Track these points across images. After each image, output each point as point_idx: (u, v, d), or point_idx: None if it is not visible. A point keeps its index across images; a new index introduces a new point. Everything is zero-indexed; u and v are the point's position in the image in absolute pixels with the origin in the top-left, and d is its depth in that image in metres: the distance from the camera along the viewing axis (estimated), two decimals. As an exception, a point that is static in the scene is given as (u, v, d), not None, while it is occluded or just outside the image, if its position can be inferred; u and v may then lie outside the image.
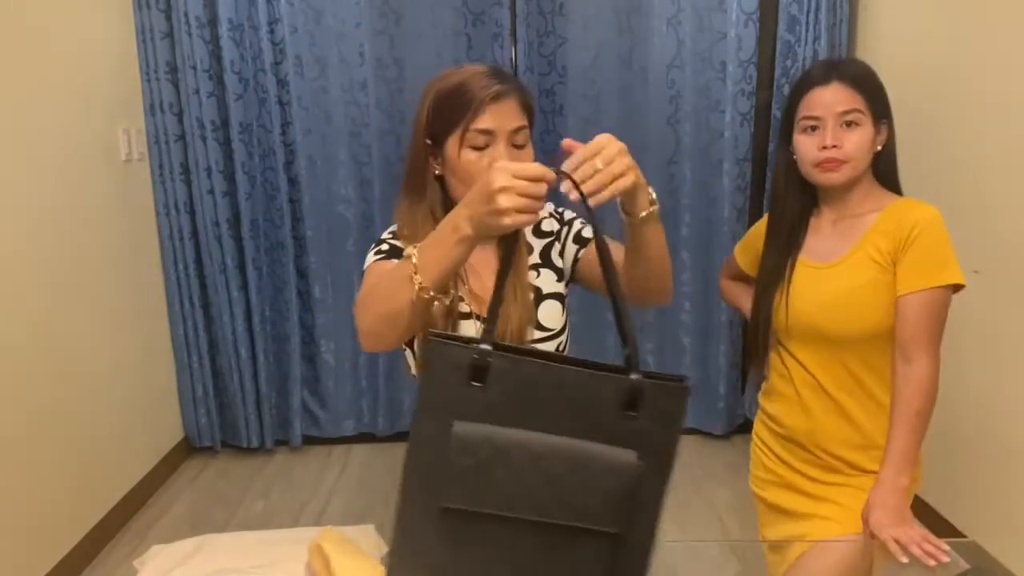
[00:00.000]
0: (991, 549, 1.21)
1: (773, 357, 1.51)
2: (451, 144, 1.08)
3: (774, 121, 3.08)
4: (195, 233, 3.08)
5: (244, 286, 3.14)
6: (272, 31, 2.95)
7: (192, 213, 3.07)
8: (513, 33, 3.04)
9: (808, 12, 2.91)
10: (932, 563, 1.16)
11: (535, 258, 1.23)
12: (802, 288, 1.41)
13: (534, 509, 0.75)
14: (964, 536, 2.31)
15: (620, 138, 0.87)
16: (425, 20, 3.05)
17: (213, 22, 2.92)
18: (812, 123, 1.35)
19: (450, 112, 1.08)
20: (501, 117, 1.06)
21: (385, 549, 1.21)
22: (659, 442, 0.78)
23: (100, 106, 2.68)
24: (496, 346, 0.76)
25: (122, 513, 2.70)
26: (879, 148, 1.38)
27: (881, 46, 2.83)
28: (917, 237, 1.30)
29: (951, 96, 2.38)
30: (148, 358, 3.00)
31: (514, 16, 3.03)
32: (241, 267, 3.13)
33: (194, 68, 2.90)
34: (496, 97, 1.06)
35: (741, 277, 1.64)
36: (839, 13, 2.91)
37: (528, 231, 1.25)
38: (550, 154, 3.16)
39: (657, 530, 0.79)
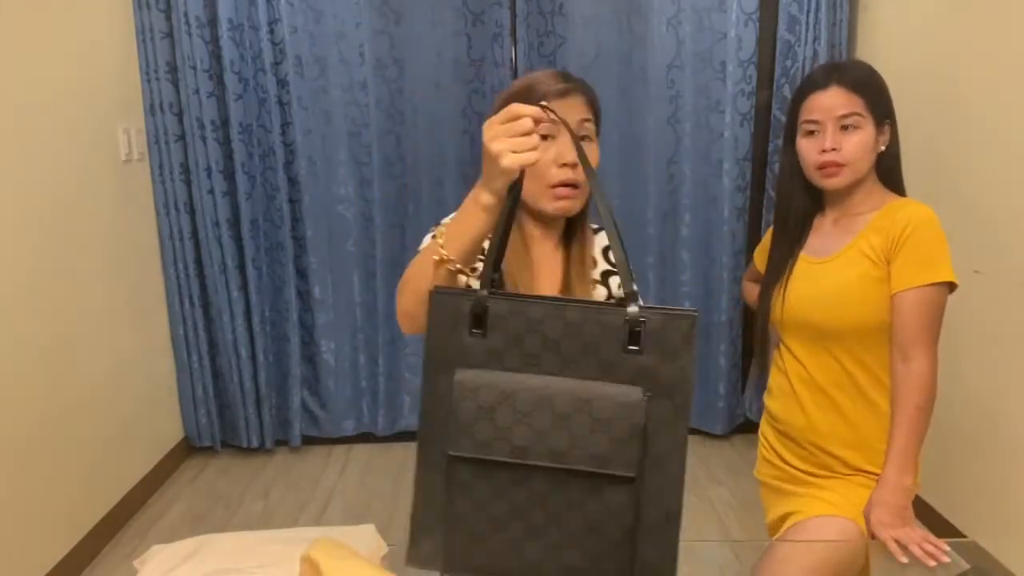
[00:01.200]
0: (991, 549, 1.21)
1: (775, 354, 1.52)
2: None
3: (774, 121, 3.09)
4: (195, 233, 3.08)
5: (244, 286, 3.14)
6: (272, 31, 2.96)
7: (192, 213, 3.07)
8: (513, 33, 3.04)
9: (808, 12, 2.92)
10: (932, 563, 1.16)
11: (595, 274, 1.24)
12: (799, 283, 1.43)
13: (542, 455, 0.73)
14: (964, 536, 2.31)
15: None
16: (425, 20, 3.05)
17: (213, 22, 2.92)
18: (812, 127, 1.36)
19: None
20: (565, 111, 1.08)
21: (386, 549, 1.21)
22: (668, 378, 0.74)
23: (100, 106, 2.68)
24: (493, 292, 0.76)
25: (122, 513, 2.70)
26: (882, 149, 1.38)
27: (881, 46, 2.83)
28: (911, 235, 1.30)
29: (951, 96, 2.38)
30: (148, 358, 3.00)
31: (514, 16, 3.03)
32: (241, 267, 3.13)
33: (194, 68, 2.90)
34: (561, 94, 1.11)
35: (760, 279, 1.66)
36: (839, 13, 2.91)
37: (596, 248, 1.25)
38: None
39: (682, 478, 0.75)
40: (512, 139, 0.82)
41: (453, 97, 3.11)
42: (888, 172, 1.41)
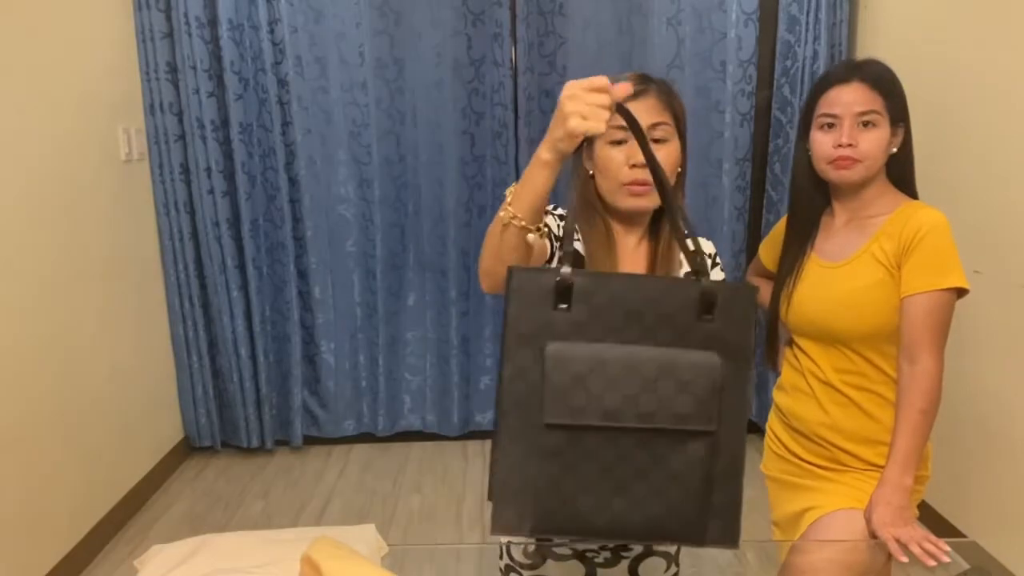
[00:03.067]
0: (991, 549, 1.21)
1: (787, 352, 1.54)
2: (598, 142, 1.16)
3: (774, 121, 3.09)
4: (195, 233, 3.08)
5: (244, 286, 3.14)
6: (272, 31, 2.96)
7: (192, 213, 3.07)
8: (513, 33, 3.04)
9: (808, 12, 2.92)
10: (932, 563, 1.16)
11: (680, 273, 1.26)
12: (812, 286, 1.43)
13: (631, 417, 0.79)
14: (964, 536, 2.31)
15: None
16: (425, 20, 3.05)
17: (213, 22, 2.92)
18: (830, 120, 1.36)
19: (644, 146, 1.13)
20: (640, 112, 1.10)
21: (386, 549, 1.21)
22: (735, 341, 0.84)
23: (100, 106, 2.68)
24: (575, 270, 0.81)
25: (122, 513, 2.70)
26: (894, 151, 1.39)
27: (881, 46, 2.83)
28: (922, 240, 1.31)
29: (951, 96, 2.38)
30: (148, 358, 3.00)
31: (514, 16, 3.03)
32: (241, 267, 3.13)
33: (194, 68, 2.90)
34: (636, 95, 1.12)
35: (766, 275, 1.66)
36: (839, 13, 2.91)
37: (708, 248, 1.27)
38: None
39: (744, 426, 0.84)
40: (587, 105, 0.85)
41: (453, 97, 3.11)
42: (899, 175, 1.41)
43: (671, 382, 0.80)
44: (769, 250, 1.63)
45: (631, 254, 1.23)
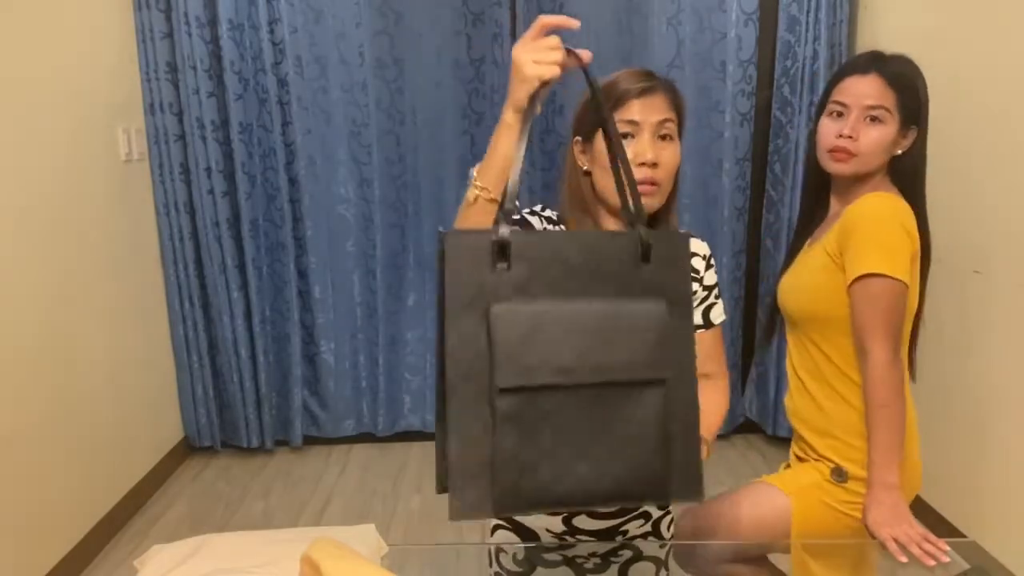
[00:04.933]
0: (991, 549, 1.21)
1: (788, 345, 1.57)
2: (599, 137, 1.14)
3: (774, 121, 3.09)
4: (195, 233, 3.08)
5: (244, 286, 3.14)
6: (272, 31, 2.96)
7: (192, 213, 3.07)
8: (513, 33, 3.04)
9: (808, 12, 2.92)
10: (931, 563, 1.16)
11: None
12: (790, 273, 1.49)
13: (585, 372, 0.78)
14: (964, 536, 2.31)
15: None
16: (425, 20, 3.05)
17: (213, 22, 2.92)
18: (839, 108, 1.36)
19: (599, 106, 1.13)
20: (647, 110, 1.12)
21: (386, 549, 1.21)
22: (675, 288, 0.84)
23: (100, 106, 2.68)
24: (512, 226, 0.79)
25: (122, 513, 2.70)
26: (900, 152, 1.37)
27: (881, 46, 2.83)
28: (853, 229, 1.30)
29: (950, 95, 2.38)
30: (148, 358, 3.00)
31: (514, 16, 3.03)
32: (241, 267, 3.13)
33: (194, 68, 2.90)
34: (642, 92, 1.13)
35: None
36: (839, 13, 2.91)
37: (701, 250, 1.28)
38: (549, 154, 3.17)
39: (694, 375, 0.85)
40: (536, 50, 0.85)
41: (453, 97, 3.11)
42: (906, 179, 1.38)
43: (619, 332, 0.79)
44: None
45: None
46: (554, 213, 1.22)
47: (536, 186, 3.15)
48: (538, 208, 1.21)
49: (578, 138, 1.20)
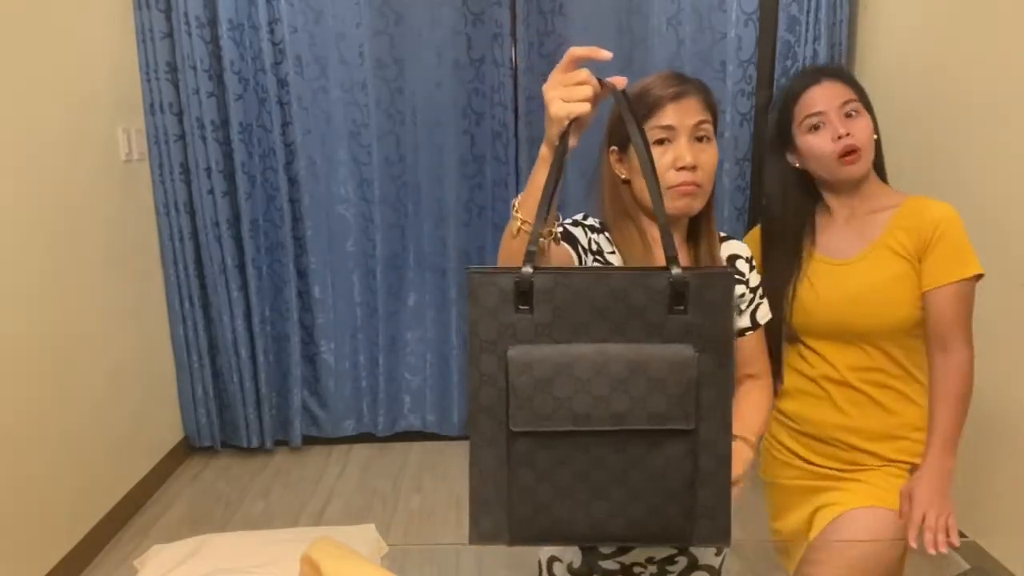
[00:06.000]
0: (991, 549, 1.21)
1: (792, 356, 1.50)
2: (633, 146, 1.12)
3: (774, 121, 3.08)
4: (195, 233, 3.08)
5: (244, 286, 3.14)
6: (272, 31, 2.96)
7: (192, 213, 3.07)
8: (513, 33, 3.04)
9: (808, 12, 2.91)
10: (933, 551, 1.19)
11: None
12: (824, 285, 1.41)
13: (603, 419, 0.76)
14: (964, 536, 2.31)
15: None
16: (425, 20, 3.05)
17: (213, 22, 2.92)
18: (816, 120, 1.36)
19: (635, 115, 1.11)
20: (682, 114, 1.11)
21: (386, 549, 1.22)
22: (712, 332, 0.79)
23: (100, 106, 2.68)
24: (537, 268, 0.77)
25: (122, 513, 2.70)
26: (875, 138, 1.39)
27: (881, 46, 2.83)
28: (943, 234, 1.33)
29: (951, 95, 2.38)
30: (148, 358, 3.00)
31: (514, 16, 3.03)
32: (241, 267, 3.13)
33: (194, 68, 2.90)
34: (676, 96, 1.11)
35: None
36: (839, 13, 2.91)
37: (724, 253, 1.25)
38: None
39: (730, 424, 0.80)
40: (566, 87, 0.83)
41: (453, 97, 3.11)
42: (879, 167, 1.43)
43: (643, 380, 0.76)
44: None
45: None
46: (596, 221, 1.20)
47: (536, 186, 3.15)
48: (580, 217, 1.19)
49: (614, 148, 1.18)
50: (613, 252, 1.16)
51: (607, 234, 1.18)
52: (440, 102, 3.11)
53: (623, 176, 1.18)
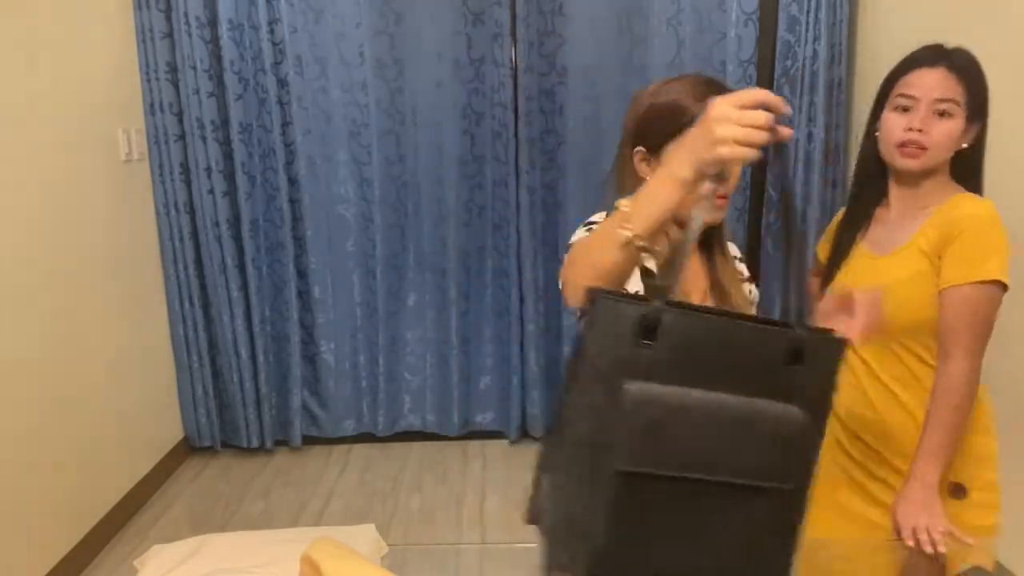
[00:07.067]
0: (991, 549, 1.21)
1: None
2: (668, 153, 1.11)
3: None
4: (195, 233, 3.08)
5: (244, 286, 3.14)
6: (272, 31, 2.96)
7: (192, 213, 3.07)
8: (513, 33, 3.04)
9: (808, 12, 2.91)
10: (929, 550, 1.19)
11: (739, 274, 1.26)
12: (857, 278, 1.40)
13: (709, 469, 0.74)
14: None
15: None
16: (425, 20, 3.05)
17: (213, 22, 2.92)
18: (906, 102, 1.32)
19: (667, 123, 1.10)
20: None
21: (386, 549, 1.21)
22: (817, 393, 0.79)
23: (100, 106, 2.68)
24: (668, 301, 0.75)
25: (122, 513, 2.70)
26: (964, 146, 1.35)
27: (881, 46, 2.83)
28: (962, 232, 1.28)
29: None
30: (148, 358, 3.00)
31: (514, 16, 3.02)
32: (241, 267, 3.13)
33: (194, 68, 2.90)
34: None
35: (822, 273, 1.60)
36: (839, 13, 2.91)
37: (735, 252, 1.27)
38: (549, 153, 3.17)
39: (812, 480, 0.80)
40: (743, 129, 0.77)
41: (453, 97, 3.11)
42: (967, 172, 1.38)
43: (753, 435, 0.75)
44: (824, 247, 1.58)
45: (692, 266, 1.21)
46: None
47: (536, 185, 3.15)
48: (600, 217, 1.18)
49: (640, 148, 1.15)
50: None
51: None
52: (440, 102, 3.11)
53: (647, 178, 1.15)
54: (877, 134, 1.39)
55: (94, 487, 2.56)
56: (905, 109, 1.33)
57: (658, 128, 1.11)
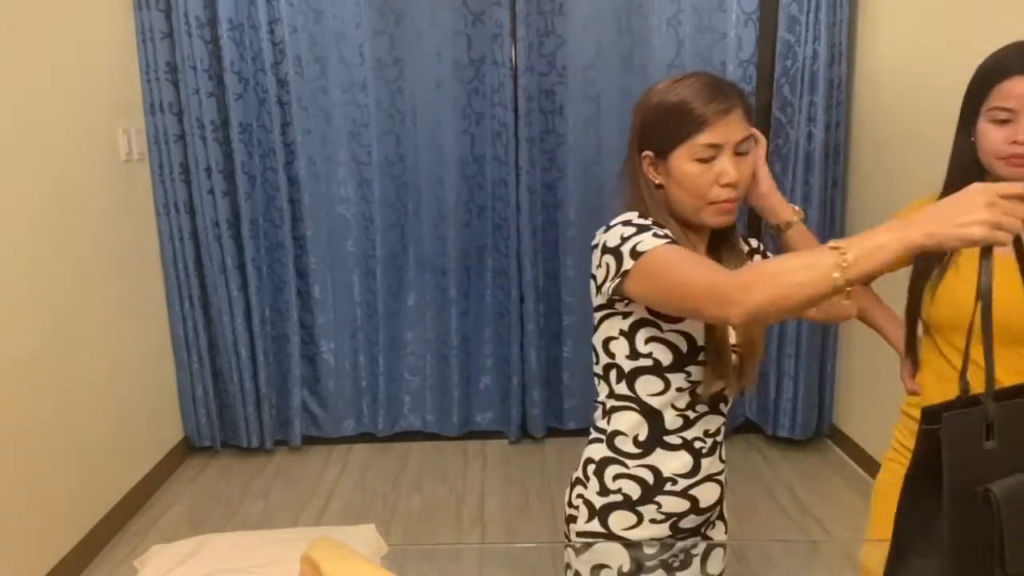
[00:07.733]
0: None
1: (930, 353, 1.39)
2: (676, 157, 1.10)
3: (774, 121, 3.09)
4: (195, 233, 3.09)
5: (244, 286, 3.15)
6: (272, 31, 2.96)
7: (192, 213, 3.07)
8: (513, 33, 3.04)
9: (808, 12, 2.92)
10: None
11: None
12: (971, 274, 1.32)
13: None
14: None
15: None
16: (425, 20, 3.06)
17: (213, 22, 2.92)
18: (1004, 115, 1.27)
19: (675, 128, 1.09)
20: (727, 131, 1.08)
21: (386, 549, 1.21)
22: None
23: (100, 106, 2.68)
24: (995, 397, 0.76)
25: (122, 513, 2.70)
26: None
27: (881, 46, 2.83)
28: None
29: (952, 96, 2.37)
30: (148, 358, 3.00)
31: (514, 16, 3.03)
32: (241, 267, 3.13)
33: (194, 68, 2.90)
34: (724, 113, 1.08)
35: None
36: (839, 13, 2.91)
37: (753, 244, 1.28)
38: (550, 153, 3.17)
39: None
40: (1007, 216, 0.78)
41: (453, 97, 3.11)
42: None
43: None
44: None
45: None
46: (648, 219, 1.19)
47: (536, 185, 3.15)
48: (639, 218, 1.18)
49: (648, 152, 1.15)
50: None
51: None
52: (440, 102, 3.12)
53: (657, 181, 1.16)
54: (973, 140, 1.33)
55: (94, 487, 2.56)
56: (1004, 121, 1.27)
57: (666, 130, 1.11)
